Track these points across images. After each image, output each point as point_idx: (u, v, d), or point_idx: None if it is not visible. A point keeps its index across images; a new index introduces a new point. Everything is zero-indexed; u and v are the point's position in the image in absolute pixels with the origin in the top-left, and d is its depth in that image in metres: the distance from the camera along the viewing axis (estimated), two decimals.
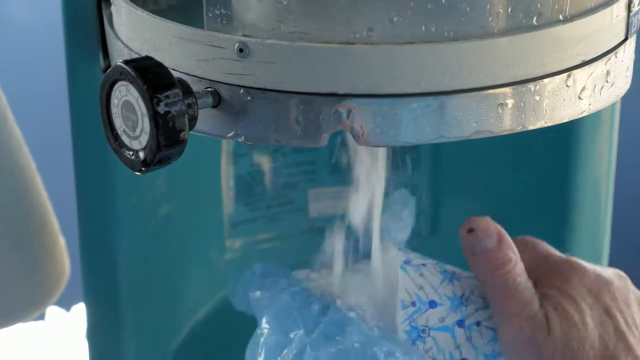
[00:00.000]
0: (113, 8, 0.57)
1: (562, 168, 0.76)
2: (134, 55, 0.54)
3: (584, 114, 0.52)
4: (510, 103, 0.49)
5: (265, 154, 0.81)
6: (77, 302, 1.54)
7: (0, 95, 0.80)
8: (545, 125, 0.51)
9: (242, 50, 0.48)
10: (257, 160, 0.81)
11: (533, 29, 0.49)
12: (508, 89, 0.49)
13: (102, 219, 0.71)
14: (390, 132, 0.48)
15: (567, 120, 0.51)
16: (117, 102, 0.49)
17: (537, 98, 0.50)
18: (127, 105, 0.48)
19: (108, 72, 0.49)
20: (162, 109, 0.47)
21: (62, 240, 0.87)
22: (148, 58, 0.49)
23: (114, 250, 0.72)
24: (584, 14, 0.51)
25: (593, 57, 0.52)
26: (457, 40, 0.48)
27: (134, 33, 0.54)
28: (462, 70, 0.48)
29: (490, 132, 0.49)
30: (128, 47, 0.55)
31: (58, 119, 0.91)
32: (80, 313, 1.53)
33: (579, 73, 0.51)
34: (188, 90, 0.49)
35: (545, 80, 0.50)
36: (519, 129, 0.50)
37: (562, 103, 0.51)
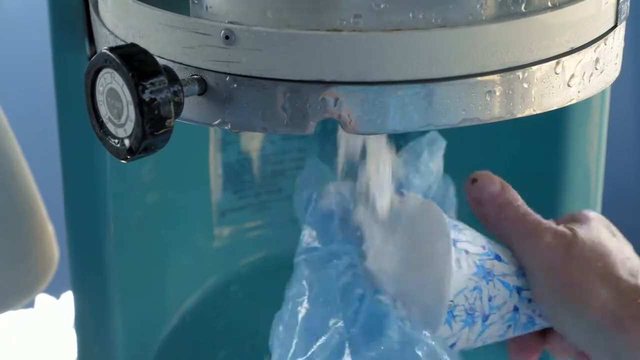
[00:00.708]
0: None
1: (552, 155, 0.76)
2: (120, 43, 0.53)
3: (573, 102, 0.52)
4: (499, 90, 0.49)
5: (254, 142, 0.81)
6: (67, 289, 1.54)
7: None
8: (534, 113, 0.50)
9: (228, 38, 0.48)
10: (245, 148, 0.81)
11: (521, 16, 0.49)
12: (496, 77, 0.49)
13: (89, 207, 0.71)
14: (378, 120, 0.48)
15: (556, 108, 0.51)
16: (102, 89, 0.49)
17: (525, 85, 0.49)
18: (112, 93, 0.48)
19: (93, 59, 0.48)
20: (147, 97, 0.46)
21: (50, 228, 0.87)
22: (133, 45, 0.48)
23: (102, 239, 0.71)
24: (573, 1, 0.50)
25: (582, 44, 0.51)
26: (444, 27, 0.48)
27: (120, 20, 0.54)
28: (450, 58, 0.48)
29: (479, 119, 0.49)
30: (114, 34, 0.54)
31: (44, 106, 0.90)
32: (70, 301, 1.53)
33: (568, 60, 0.50)
34: (174, 78, 0.48)
35: (534, 68, 0.49)
36: (508, 117, 0.50)
37: (550, 90, 0.50)
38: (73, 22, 0.63)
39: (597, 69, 0.52)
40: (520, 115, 0.50)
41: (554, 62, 0.50)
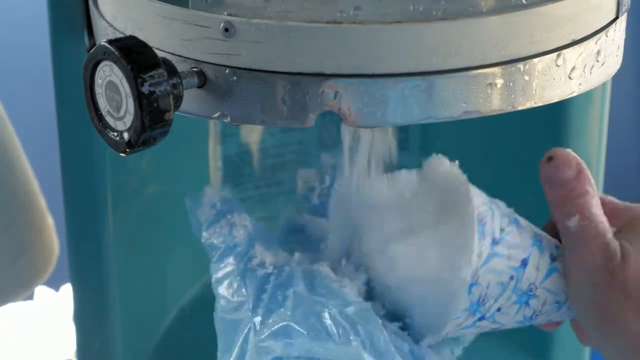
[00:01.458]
0: None
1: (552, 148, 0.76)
2: (119, 35, 0.53)
3: (574, 94, 0.52)
4: (500, 83, 0.49)
5: (254, 135, 0.80)
6: (66, 282, 1.53)
7: None
8: (535, 106, 0.50)
9: (227, 30, 0.48)
10: (245, 141, 0.80)
11: (522, 8, 0.49)
12: (497, 69, 0.48)
13: (88, 200, 0.71)
14: (378, 112, 0.48)
15: (557, 100, 0.51)
16: (101, 82, 0.48)
17: (526, 78, 0.49)
18: (111, 86, 0.48)
19: (91, 51, 0.48)
20: (146, 90, 0.46)
21: (50, 220, 0.87)
22: (132, 37, 0.48)
23: (101, 231, 0.71)
24: None
25: (583, 36, 0.51)
26: (445, 20, 0.47)
27: (119, 12, 0.53)
28: (450, 50, 0.47)
29: (480, 112, 0.49)
30: (113, 26, 0.54)
31: (43, 99, 0.90)
32: (69, 293, 1.53)
33: (569, 52, 0.50)
34: (173, 70, 0.48)
35: (535, 60, 0.49)
36: (509, 109, 0.50)
37: (552, 83, 0.50)
38: (72, 14, 0.63)
39: (598, 61, 0.52)
40: (521, 108, 0.50)
41: (555, 54, 0.50)
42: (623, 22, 0.54)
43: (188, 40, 0.49)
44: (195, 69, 0.49)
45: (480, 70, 0.48)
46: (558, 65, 0.50)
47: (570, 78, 0.51)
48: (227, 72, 0.48)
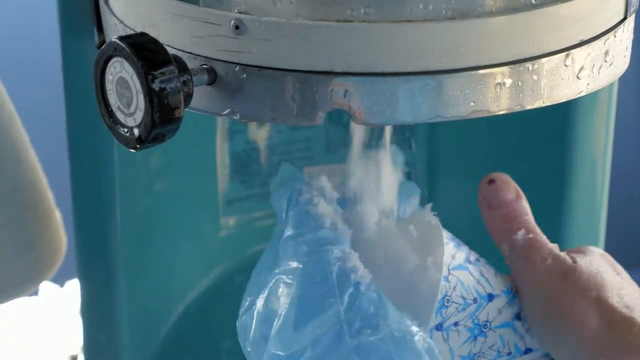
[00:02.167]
0: None
1: (559, 148, 0.76)
2: (129, 32, 0.53)
3: (582, 94, 0.52)
4: (508, 82, 0.49)
5: (261, 131, 0.81)
6: (71, 278, 1.54)
7: None
8: (543, 105, 0.50)
9: (238, 27, 0.48)
10: (252, 138, 0.81)
11: (531, 8, 0.49)
12: (506, 68, 0.49)
13: (96, 195, 0.71)
14: (387, 111, 0.48)
15: (565, 100, 0.51)
16: (111, 78, 0.49)
17: (535, 77, 0.49)
18: (121, 82, 0.48)
19: (102, 48, 0.48)
20: (157, 86, 0.46)
21: (58, 215, 0.87)
22: (143, 34, 0.48)
23: (108, 226, 0.72)
24: None
25: (592, 36, 0.51)
26: (455, 19, 0.48)
27: (129, 9, 0.54)
28: (460, 49, 0.48)
29: (488, 111, 0.49)
30: (123, 23, 0.54)
31: (52, 95, 0.90)
32: (74, 289, 1.53)
33: (578, 52, 0.50)
34: (183, 67, 0.48)
35: (544, 60, 0.49)
36: (517, 109, 0.50)
37: (560, 83, 0.50)
38: (82, 10, 0.63)
39: (606, 62, 0.52)
40: (530, 107, 0.50)
41: (564, 54, 0.50)
42: (631, 22, 0.54)
43: (199, 38, 0.49)
44: (206, 66, 0.49)
45: (489, 70, 0.48)
46: (566, 65, 0.50)
47: (579, 78, 0.51)
48: (237, 69, 0.49)
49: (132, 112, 0.48)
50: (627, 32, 0.54)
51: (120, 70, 0.48)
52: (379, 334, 0.57)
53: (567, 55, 0.50)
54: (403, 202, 0.63)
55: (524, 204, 0.61)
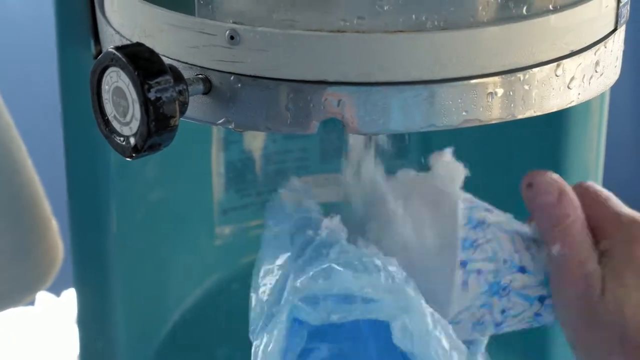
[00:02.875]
0: None
1: (551, 158, 0.77)
2: (125, 42, 0.54)
3: (573, 104, 0.52)
4: (500, 92, 0.49)
5: (257, 141, 0.81)
6: (67, 287, 1.54)
7: None
8: (535, 115, 0.51)
9: (233, 38, 0.49)
10: (247, 147, 0.81)
11: (523, 19, 0.49)
12: (498, 78, 0.49)
13: (92, 205, 0.71)
14: (380, 120, 0.48)
15: (556, 110, 0.52)
16: (108, 88, 0.49)
17: (526, 87, 0.50)
18: (118, 92, 0.48)
19: (99, 58, 0.49)
20: (152, 96, 0.47)
21: (54, 224, 0.87)
22: (139, 44, 0.49)
23: (105, 236, 0.72)
24: (574, 4, 0.51)
25: (582, 47, 0.52)
26: (447, 30, 0.48)
27: (126, 19, 0.54)
28: (452, 59, 0.48)
29: (480, 120, 0.50)
30: (119, 33, 0.55)
31: (49, 104, 0.90)
32: (71, 299, 1.53)
33: (568, 63, 0.51)
34: (179, 77, 0.49)
35: (535, 70, 0.50)
36: (509, 118, 0.50)
37: (551, 92, 0.51)
38: (78, 21, 0.64)
39: (597, 72, 0.53)
40: (521, 117, 0.50)
41: (555, 64, 0.50)
42: (622, 33, 0.55)
43: (194, 48, 0.50)
44: (201, 76, 0.50)
45: (481, 80, 0.49)
46: (557, 75, 0.51)
47: (569, 88, 0.52)
48: (232, 79, 0.49)
49: (128, 121, 0.48)
50: (617, 42, 0.54)
51: (117, 80, 0.48)
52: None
53: (558, 66, 0.51)
54: None
55: (566, 204, 0.60)
